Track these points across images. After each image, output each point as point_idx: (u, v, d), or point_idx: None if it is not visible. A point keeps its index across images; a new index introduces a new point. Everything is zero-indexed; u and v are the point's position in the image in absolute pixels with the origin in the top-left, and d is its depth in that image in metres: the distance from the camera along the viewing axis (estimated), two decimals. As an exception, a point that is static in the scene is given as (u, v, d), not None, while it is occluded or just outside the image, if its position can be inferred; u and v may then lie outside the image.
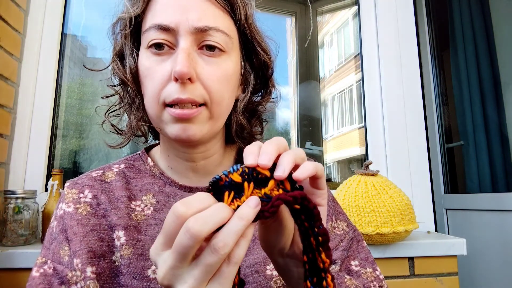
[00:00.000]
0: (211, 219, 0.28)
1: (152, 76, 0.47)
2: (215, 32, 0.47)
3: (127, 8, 0.50)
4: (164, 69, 0.47)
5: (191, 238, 0.27)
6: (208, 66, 0.47)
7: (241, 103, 0.54)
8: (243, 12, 0.51)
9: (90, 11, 1.35)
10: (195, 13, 0.46)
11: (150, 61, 0.48)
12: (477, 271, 1.53)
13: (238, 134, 0.56)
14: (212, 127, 0.50)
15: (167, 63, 0.47)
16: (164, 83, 0.46)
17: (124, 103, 0.56)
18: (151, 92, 0.48)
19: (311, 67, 1.66)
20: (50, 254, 0.49)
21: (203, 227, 0.27)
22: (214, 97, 0.48)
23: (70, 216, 0.50)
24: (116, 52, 0.53)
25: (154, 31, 0.47)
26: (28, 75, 1.15)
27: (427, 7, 1.88)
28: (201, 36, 0.47)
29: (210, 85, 0.47)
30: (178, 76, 0.44)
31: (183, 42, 0.46)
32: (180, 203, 0.29)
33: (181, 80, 0.45)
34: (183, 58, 0.44)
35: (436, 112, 1.86)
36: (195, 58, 0.47)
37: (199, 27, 0.46)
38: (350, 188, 0.99)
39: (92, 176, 0.54)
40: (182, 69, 0.44)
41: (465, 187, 1.75)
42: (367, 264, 0.56)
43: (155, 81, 0.47)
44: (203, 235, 0.27)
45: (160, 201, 0.53)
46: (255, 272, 0.50)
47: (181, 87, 0.45)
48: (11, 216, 0.94)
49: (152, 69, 0.47)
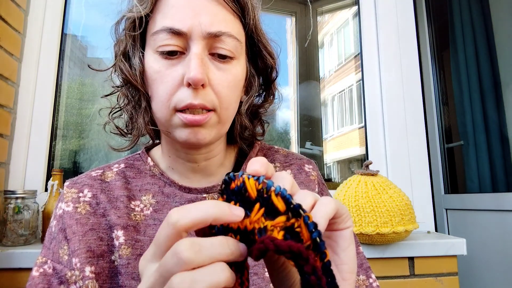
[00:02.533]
0: (208, 252, 0.24)
1: (162, 80, 0.46)
2: (227, 37, 0.46)
3: (135, 6, 0.48)
4: (175, 74, 0.46)
5: (177, 264, 0.24)
6: (219, 72, 0.47)
7: (244, 105, 0.54)
8: (252, 15, 0.50)
9: (90, 11, 1.35)
10: (207, 17, 0.45)
11: (160, 65, 0.47)
12: (477, 271, 1.53)
13: (240, 135, 0.57)
14: (220, 131, 0.50)
15: (178, 68, 0.46)
16: (176, 88, 0.46)
17: (126, 103, 0.54)
18: (161, 97, 0.47)
19: (311, 67, 1.66)
20: (50, 254, 0.49)
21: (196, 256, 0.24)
22: (223, 103, 0.47)
23: (69, 215, 0.49)
24: (121, 52, 0.51)
25: (165, 34, 0.45)
26: (28, 75, 1.15)
27: (427, 7, 1.88)
28: (213, 41, 0.46)
29: (220, 91, 0.47)
30: (192, 82, 0.43)
31: (196, 47, 0.45)
32: (176, 210, 0.26)
33: (194, 86, 0.44)
34: (197, 64, 0.44)
35: (436, 112, 1.86)
36: (207, 63, 0.46)
37: (212, 32, 0.45)
38: (350, 188, 0.99)
39: (91, 176, 0.54)
40: (196, 75, 0.43)
41: (465, 187, 1.75)
42: (361, 271, 0.55)
43: (165, 85, 0.46)
44: (193, 265, 0.24)
45: (160, 201, 0.53)
46: (254, 275, 0.50)
47: (194, 93, 0.45)
48: (11, 216, 0.94)
49: (162, 72, 0.46)
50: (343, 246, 0.31)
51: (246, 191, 0.28)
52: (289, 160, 0.61)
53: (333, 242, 0.32)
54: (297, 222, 0.26)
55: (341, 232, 0.31)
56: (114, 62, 0.52)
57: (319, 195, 0.32)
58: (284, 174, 0.31)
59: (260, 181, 0.28)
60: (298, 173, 0.59)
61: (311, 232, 0.26)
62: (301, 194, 0.30)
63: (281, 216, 0.26)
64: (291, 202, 0.26)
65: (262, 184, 0.27)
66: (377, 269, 1.01)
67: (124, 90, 0.54)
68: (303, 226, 0.26)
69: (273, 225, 0.26)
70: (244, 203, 0.28)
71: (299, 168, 0.60)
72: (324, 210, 0.28)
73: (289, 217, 0.26)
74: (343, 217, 0.31)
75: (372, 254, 1.00)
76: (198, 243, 0.24)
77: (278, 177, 0.31)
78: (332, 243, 0.32)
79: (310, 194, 0.30)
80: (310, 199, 0.29)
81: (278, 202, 0.27)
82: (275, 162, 0.60)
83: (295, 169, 0.59)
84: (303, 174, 0.59)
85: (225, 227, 0.27)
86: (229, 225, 0.27)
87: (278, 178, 0.31)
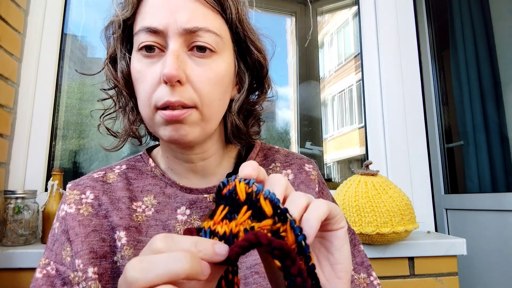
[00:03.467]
0: (158, 271, 0.22)
1: (143, 80, 0.47)
2: (204, 32, 0.46)
3: (116, 11, 0.49)
4: (154, 72, 0.46)
5: (126, 284, 0.23)
6: (199, 68, 0.47)
7: (236, 103, 0.53)
8: (234, 11, 0.50)
9: (90, 11, 1.35)
10: (184, 14, 0.45)
11: (141, 64, 0.47)
12: (477, 271, 1.53)
13: (234, 134, 0.56)
14: (204, 129, 0.49)
15: (157, 66, 0.46)
16: (155, 86, 0.46)
17: (118, 106, 0.55)
18: (142, 96, 0.47)
19: (311, 67, 1.66)
20: (53, 255, 0.49)
21: (143, 275, 0.22)
22: (204, 99, 0.47)
23: (71, 217, 0.50)
24: (109, 55, 0.52)
25: (144, 33, 0.46)
26: (28, 75, 1.15)
27: (427, 7, 1.88)
28: (190, 37, 0.46)
29: (200, 87, 0.46)
30: (166, 78, 0.43)
31: (172, 44, 0.45)
32: (138, 264, 0.23)
33: (170, 83, 0.44)
34: (172, 60, 0.44)
35: (436, 112, 1.86)
36: (184, 59, 0.46)
37: (188, 28, 0.45)
38: (350, 188, 0.99)
39: (93, 177, 0.54)
40: (170, 71, 0.43)
41: (465, 187, 1.75)
42: (362, 269, 0.55)
43: (146, 84, 0.46)
44: (139, 284, 0.22)
45: (161, 202, 0.53)
46: (255, 273, 0.50)
47: (171, 90, 0.44)
48: (11, 216, 0.94)
49: (143, 72, 0.47)
50: (338, 246, 0.32)
51: (236, 194, 0.28)
52: (289, 160, 0.61)
53: (327, 242, 0.33)
54: (282, 227, 0.27)
55: (335, 232, 0.32)
56: (103, 66, 0.53)
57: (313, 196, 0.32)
58: (278, 177, 0.31)
59: (251, 184, 0.28)
60: (299, 172, 0.59)
61: (297, 235, 0.26)
62: (294, 196, 0.30)
63: (268, 220, 0.27)
64: (278, 206, 0.27)
65: (252, 187, 0.28)
66: (377, 269, 1.01)
67: (112, 93, 0.55)
68: (289, 230, 0.27)
69: (260, 227, 0.26)
70: (233, 206, 0.28)
71: (299, 167, 0.60)
72: (316, 212, 0.29)
73: (275, 221, 0.27)
74: (337, 218, 0.32)
75: (372, 254, 1.00)
76: (148, 260, 0.23)
77: (272, 180, 0.31)
78: (327, 243, 0.33)
79: (304, 196, 0.30)
80: (302, 200, 0.30)
81: (266, 206, 0.27)
82: (275, 162, 0.60)
83: (296, 169, 0.60)
84: (303, 173, 0.59)
85: (212, 231, 0.27)
86: (215, 230, 0.27)
87: (272, 181, 0.31)
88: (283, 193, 0.30)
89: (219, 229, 0.27)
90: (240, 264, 0.50)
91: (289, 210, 0.28)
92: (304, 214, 0.29)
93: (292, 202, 0.30)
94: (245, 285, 0.49)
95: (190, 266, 0.23)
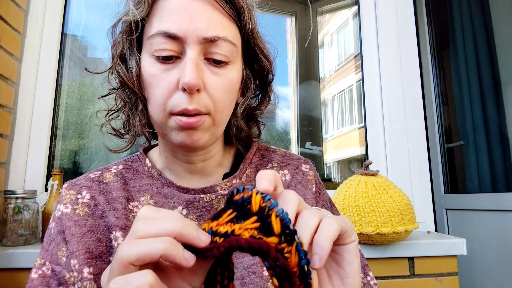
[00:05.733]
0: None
1: (158, 84, 0.46)
2: (222, 42, 0.46)
3: (130, 10, 0.48)
4: (170, 78, 0.46)
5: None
6: (214, 76, 0.47)
7: (240, 107, 0.54)
8: (248, 19, 0.50)
9: (90, 11, 1.35)
10: (203, 22, 0.45)
11: (155, 69, 0.47)
12: (477, 271, 1.53)
13: (237, 136, 0.57)
14: (214, 133, 0.50)
15: (174, 72, 0.46)
16: (171, 92, 0.46)
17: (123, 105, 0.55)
18: (157, 101, 0.47)
19: (311, 67, 1.66)
20: (49, 256, 0.49)
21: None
22: (218, 106, 0.48)
23: (67, 217, 0.50)
24: (118, 54, 0.51)
25: (160, 38, 0.45)
26: (28, 75, 1.15)
27: (427, 7, 1.88)
28: (208, 45, 0.46)
29: (215, 95, 0.47)
30: (187, 87, 0.44)
31: (191, 52, 0.45)
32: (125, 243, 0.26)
33: (190, 91, 0.44)
34: (192, 69, 0.44)
35: (436, 112, 1.86)
36: (202, 68, 0.46)
37: (208, 37, 0.45)
38: (350, 188, 0.99)
39: (90, 177, 0.54)
40: (191, 80, 0.43)
41: (465, 187, 1.75)
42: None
43: (161, 89, 0.46)
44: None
45: (158, 202, 0.53)
46: (252, 273, 0.50)
47: (189, 98, 0.45)
48: (11, 216, 0.94)
49: (157, 76, 0.46)
50: (349, 260, 0.32)
51: (250, 204, 0.28)
52: (286, 160, 0.61)
53: (338, 255, 0.32)
54: (287, 247, 0.26)
55: (346, 246, 0.32)
56: (111, 64, 0.52)
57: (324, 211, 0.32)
58: (291, 194, 0.31)
59: (266, 199, 0.28)
60: (296, 173, 0.59)
61: (301, 258, 0.26)
62: (306, 215, 0.30)
63: (274, 237, 0.26)
64: (288, 227, 0.27)
65: (267, 202, 0.28)
66: (377, 269, 1.01)
67: (120, 92, 0.54)
68: (294, 253, 0.26)
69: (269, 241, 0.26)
70: (242, 214, 0.28)
71: (296, 168, 0.60)
72: (328, 232, 0.29)
73: (281, 240, 0.26)
74: (348, 232, 0.31)
75: (372, 254, 1.00)
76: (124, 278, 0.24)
77: (285, 196, 0.31)
78: (338, 257, 0.32)
79: (315, 215, 0.30)
80: (314, 220, 0.29)
81: (276, 223, 0.27)
82: (272, 162, 0.60)
83: (292, 169, 0.59)
84: (300, 174, 0.59)
85: (214, 231, 0.27)
86: (217, 230, 0.27)
87: (285, 197, 0.31)
88: (295, 213, 0.30)
89: (221, 230, 0.27)
90: (237, 264, 0.50)
91: (300, 231, 0.28)
92: (315, 235, 0.29)
93: (304, 223, 0.29)
94: (242, 285, 0.49)
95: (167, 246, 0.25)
